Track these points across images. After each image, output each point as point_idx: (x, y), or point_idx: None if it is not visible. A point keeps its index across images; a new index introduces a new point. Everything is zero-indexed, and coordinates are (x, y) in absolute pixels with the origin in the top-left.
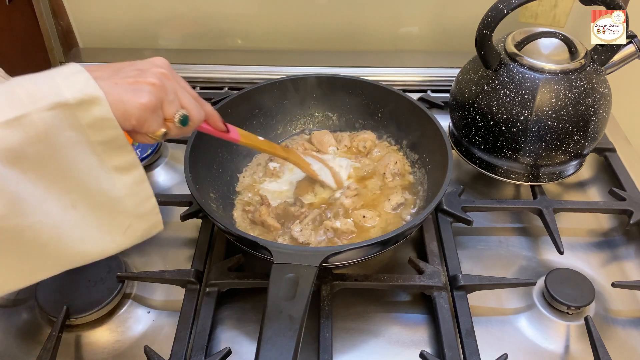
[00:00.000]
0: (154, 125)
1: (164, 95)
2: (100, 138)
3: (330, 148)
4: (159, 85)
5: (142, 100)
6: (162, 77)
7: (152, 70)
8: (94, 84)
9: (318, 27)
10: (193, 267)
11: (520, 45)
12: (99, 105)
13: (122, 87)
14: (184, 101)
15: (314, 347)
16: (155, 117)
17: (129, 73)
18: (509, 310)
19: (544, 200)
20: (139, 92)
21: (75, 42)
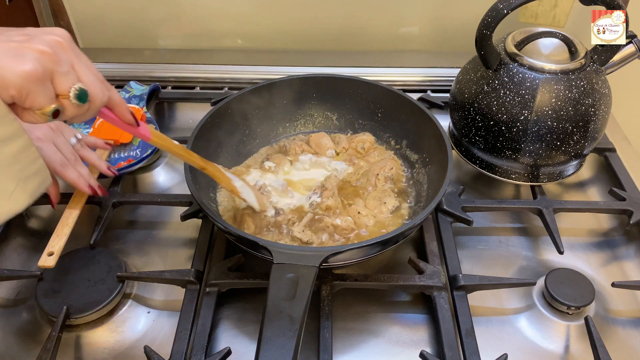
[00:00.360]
0: (41, 99)
1: (55, 66)
2: None
3: (329, 151)
4: (48, 53)
5: (24, 67)
6: (56, 46)
7: (43, 37)
8: None
9: (318, 27)
10: (193, 267)
11: (520, 45)
12: None
13: (2, 50)
14: (83, 75)
15: (314, 347)
16: (42, 90)
17: (15, 37)
18: (509, 310)
19: (544, 200)
20: (21, 58)
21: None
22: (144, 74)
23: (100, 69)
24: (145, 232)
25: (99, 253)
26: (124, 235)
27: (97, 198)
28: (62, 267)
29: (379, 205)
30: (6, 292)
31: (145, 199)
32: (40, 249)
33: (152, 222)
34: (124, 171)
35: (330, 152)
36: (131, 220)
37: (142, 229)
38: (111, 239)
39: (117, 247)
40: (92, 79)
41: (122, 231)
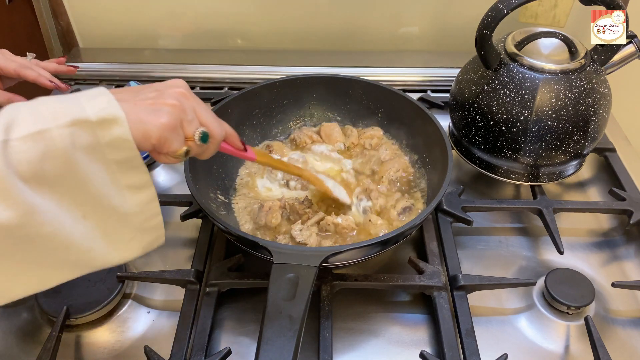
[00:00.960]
0: (175, 145)
1: (183, 115)
2: (117, 157)
3: (338, 144)
4: (177, 106)
5: (161, 120)
6: (181, 97)
7: (170, 92)
8: (116, 104)
9: (318, 27)
10: (193, 267)
11: (520, 45)
12: (119, 125)
13: (142, 108)
14: (203, 119)
15: (314, 347)
16: (175, 136)
17: (148, 95)
18: (509, 310)
19: (544, 200)
20: (159, 113)
21: (75, 42)
22: (144, 74)
23: (101, 69)
24: None
25: None
26: None
27: None
28: None
29: (389, 210)
30: None
31: None
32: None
33: None
34: None
35: (339, 144)
36: None
37: None
38: None
39: None
40: (211, 120)
41: None
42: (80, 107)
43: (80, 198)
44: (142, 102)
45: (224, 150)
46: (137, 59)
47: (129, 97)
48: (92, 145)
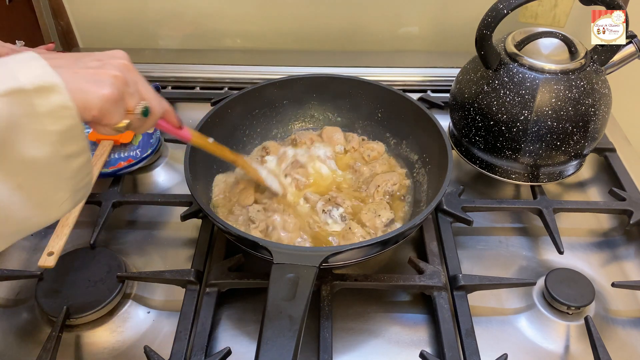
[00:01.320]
0: (116, 117)
1: (125, 88)
2: (58, 127)
3: (338, 147)
4: (120, 77)
5: (104, 91)
6: (124, 69)
7: (113, 62)
8: (51, 71)
9: (318, 27)
10: (193, 267)
11: (520, 45)
12: (57, 93)
13: (83, 76)
14: (144, 93)
15: (314, 347)
16: (117, 109)
17: (89, 63)
18: (509, 310)
19: (544, 200)
20: (101, 83)
21: (75, 42)
22: (144, 74)
23: None
24: (145, 232)
25: (99, 253)
26: (124, 235)
27: (97, 198)
28: (62, 267)
29: (372, 218)
30: (6, 292)
31: (145, 199)
32: (40, 249)
33: (152, 222)
34: (124, 171)
35: (339, 147)
36: (131, 220)
37: (142, 229)
38: (111, 239)
39: (117, 247)
40: (152, 95)
41: (122, 231)
42: (11, 72)
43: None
44: (83, 70)
45: (160, 127)
46: (137, 59)
47: (67, 63)
48: (29, 115)
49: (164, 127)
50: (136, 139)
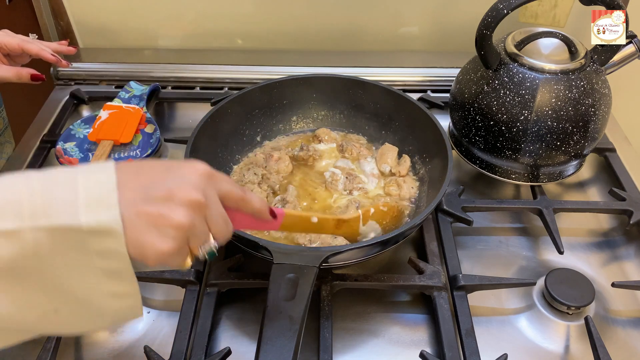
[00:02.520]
0: (175, 264)
1: (191, 233)
2: (106, 266)
3: (384, 166)
4: (186, 226)
5: (163, 247)
6: (192, 209)
7: (183, 197)
8: (114, 213)
9: (318, 27)
10: (193, 267)
11: (520, 45)
12: (114, 238)
13: (144, 222)
14: (213, 227)
15: (314, 347)
16: (178, 258)
17: (157, 194)
18: (509, 310)
19: (544, 200)
20: (161, 238)
21: (75, 42)
22: (144, 74)
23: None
24: None
25: None
26: None
27: None
28: None
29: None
30: None
31: None
32: None
33: None
34: None
35: (385, 166)
36: None
37: None
38: None
39: None
40: (220, 228)
41: None
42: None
43: (56, 295)
44: (147, 208)
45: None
46: (137, 59)
47: (133, 196)
48: (80, 251)
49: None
50: (136, 139)
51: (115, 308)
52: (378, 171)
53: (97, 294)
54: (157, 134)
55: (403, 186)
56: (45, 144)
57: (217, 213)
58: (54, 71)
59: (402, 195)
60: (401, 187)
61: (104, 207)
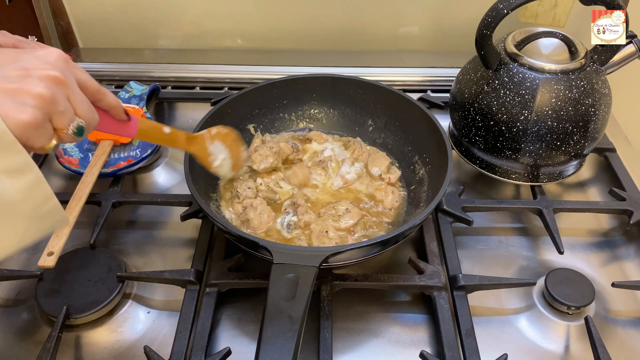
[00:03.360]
0: (41, 141)
1: (53, 107)
2: None
3: (375, 169)
4: (46, 97)
5: (23, 117)
6: (52, 84)
7: (40, 74)
8: None
9: (318, 27)
10: (193, 267)
11: (520, 45)
12: None
13: (2, 96)
14: (78, 109)
15: (314, 347)
16: (41, 133)
17: (12, 72)
18: (509, 310)
19: (544, 200)
20: (21, 107)
21: (75, 42)
22: (144, 74)
23: (101, 69)
24: (145, 232)
25: (99, 253)
26: (124, 235)
27: (97, 198)
28: (62, 267)
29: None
30: (6, 292)
31: (145, 199)
32: (40, 248)
33: (152, 222)
34: (124, 171)
35: (375, 170)
36: (131, 220)
37: (142, 229)
38: (111, 239)
39: (117, 247)
40: (85, 109)
41: (122, 231)
42: None
43: None
44: (3, 85)
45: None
46: (137, 59)
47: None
48: None
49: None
50: (136, 139)
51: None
52: (365, 170)
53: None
54: None
55: (389, 194)
56: None
57: (78, 93)
58: None
59: (385, 203)
60: (387, 195)
61: None
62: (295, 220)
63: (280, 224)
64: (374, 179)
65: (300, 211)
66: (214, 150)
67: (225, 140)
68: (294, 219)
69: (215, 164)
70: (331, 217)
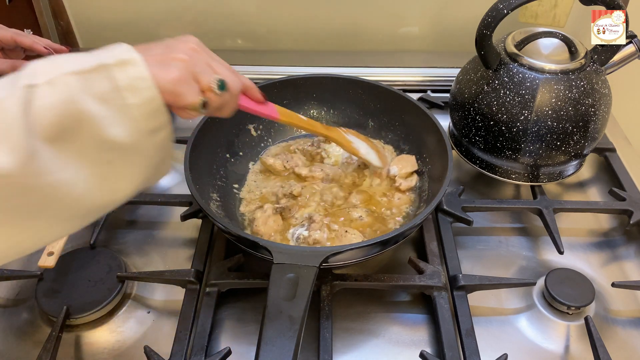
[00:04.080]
0: (190, 97)
1: (194, 68)
2: (137, 100)
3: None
4: (187, 60)
5: (170, 74)
6: (191, 52)
7: (180, 46)
8: (129, 48)
9: (318, 27)
10: (193, 267)
11: (520, 45)
12: (134, 65)
13: (150, 63)
14: (218, 70)
15: (314, 347)
16: (189, 89)
17: (157, 50)
18: (509, 310)
19: (544, 200)
20: (167, 67)
21: (75, 42)
22: None
23: None
24: (145, 232)
25: (99, 253)
26: (124, 235)
27: None
28: (62, 267)
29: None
30: (6, 292)
31: (145, 199)
32: (40, 249)
33: (152, 222)
34: None
35: (394, 169)
36: (131, 220)
37: (142, 229)
38: (111, 239)
39: (117, 247)
40: (226, 71)
41: (122, 231)
42: (97, 56)
43: (102, 148)
44: (150, 57)
45: (244, 107)
46: None
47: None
48: (111, 90)
49: (247, 106)
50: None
51: (152, 145)
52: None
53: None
54: None
55: (393, 200)
56: None
57: (216, 58)
58: None
59: (389, 204)
60: (391, 200)
61: (119, 50)
62: (305, 235)
63: (291, 235)
64: (389, 179)
65: (314, 227)
66: (354, 140)
67: (359, 136)
68: (305, 233)
69: (362, 151)
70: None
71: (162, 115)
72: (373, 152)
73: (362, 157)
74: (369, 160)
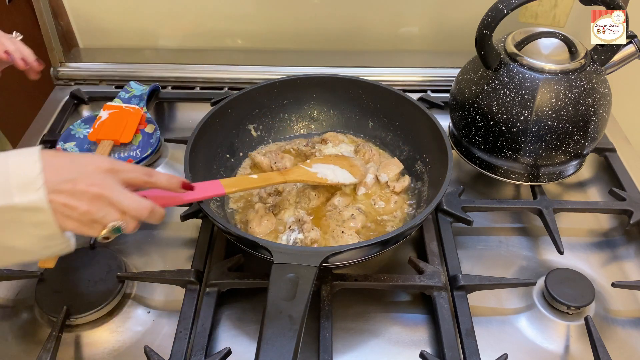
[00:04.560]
0: (93, 233)
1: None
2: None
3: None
4: (91, 200)
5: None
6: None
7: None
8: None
9: (318, 27)
10: (193, 267)
11: (520, 45)
12: (42, 212)
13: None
14: (125, 207)
15: (314, 347)
16: (90, 230)
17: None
18: (509, 310)
19: (544, 200)
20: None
21: (75, 42)
22: (144, 74)
23: (101, 69)
24: (145, 232)
25: (99, 253)
26: (124, 235)
27: None
28: (62, 267)
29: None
30: (6, 292)
31: None
32: None
33: None
34: None
35: (383, 176)
36: None
37: (142, 229)
38: None
39: (117, 247)
40: (131, 206)
41: None
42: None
43: None
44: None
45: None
46: (137, 59)
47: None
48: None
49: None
50: (136, 139)
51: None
52: (373, 177)
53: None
54: (157, 134)
55: (390, 202)
56: (46, 144)
57: (120, 195)
58: (54, 71)
59: (386, 209)
60: (388, 203)
61: (33, 194)
62: (301, 237)
63: (286, 241)
64: (381, 186)
65: (306, 228)
66: (319, 169)
67: (327, 160)
68: (300, 236)
69: (330, 178)
70: (335, 221)
71: (61, 239)
72: (343, 171)
73: (331, 184)
74: (340, 182)
